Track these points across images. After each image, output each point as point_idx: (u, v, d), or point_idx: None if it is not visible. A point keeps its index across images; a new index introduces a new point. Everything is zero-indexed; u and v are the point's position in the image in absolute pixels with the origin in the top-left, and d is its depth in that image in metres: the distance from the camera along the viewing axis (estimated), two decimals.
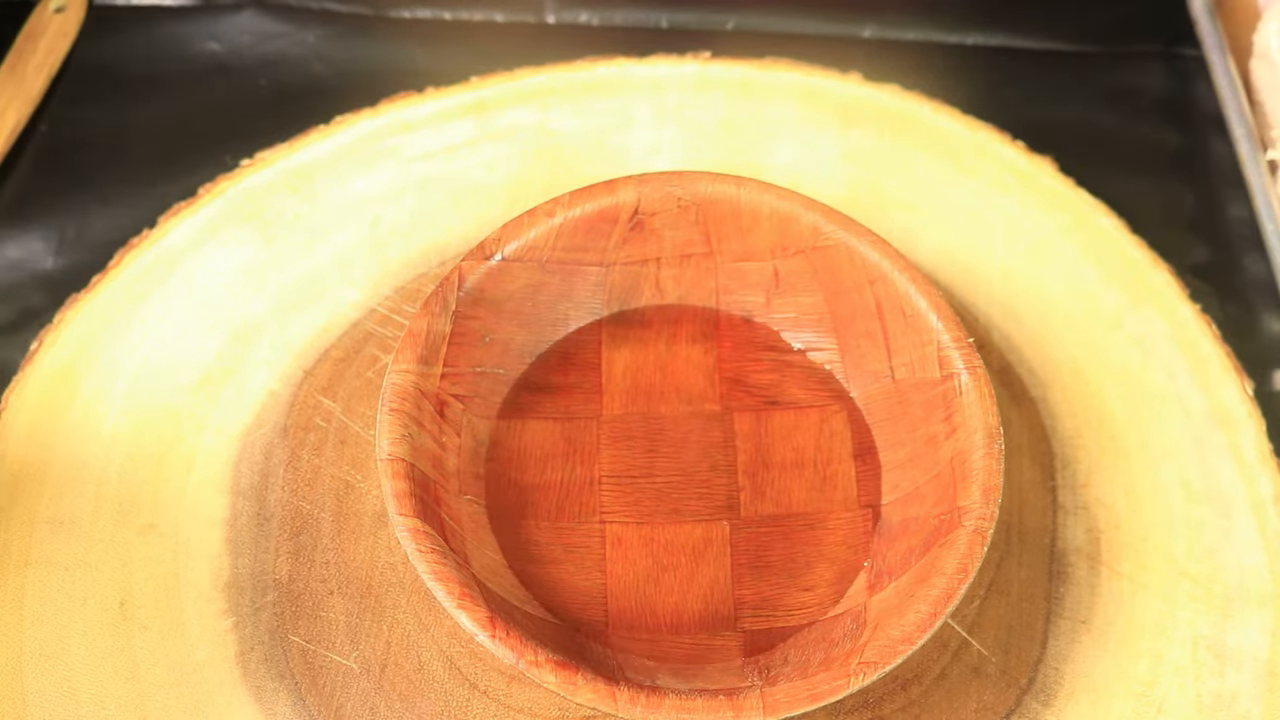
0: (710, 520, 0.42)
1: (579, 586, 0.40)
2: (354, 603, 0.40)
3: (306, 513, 0.42)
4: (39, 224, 0.49)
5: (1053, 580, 0.42)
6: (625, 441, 0.43)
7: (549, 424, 0.43)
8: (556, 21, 0.57)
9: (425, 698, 0.38)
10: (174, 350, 0.45)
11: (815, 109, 0.53)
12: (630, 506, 0.42)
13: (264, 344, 0.45)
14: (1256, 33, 0.53)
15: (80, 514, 0.41)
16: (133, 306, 0.46)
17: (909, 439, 0.42)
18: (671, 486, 0.42)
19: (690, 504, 0.42)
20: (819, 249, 0.43)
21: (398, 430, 0.38)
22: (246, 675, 0.39)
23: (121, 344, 0.45)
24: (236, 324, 0.45)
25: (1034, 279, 0.49)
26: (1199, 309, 0.48)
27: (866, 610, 0.38)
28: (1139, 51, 0.58)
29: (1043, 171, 0.52)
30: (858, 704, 0.39)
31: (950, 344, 0.40)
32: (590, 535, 0.41)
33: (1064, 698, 0.40)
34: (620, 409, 0.43)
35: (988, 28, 0.58)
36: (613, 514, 0.42)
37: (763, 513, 0.42)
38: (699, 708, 0.34)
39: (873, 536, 0.41)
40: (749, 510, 0.42)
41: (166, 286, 0.46)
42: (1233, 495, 0.44)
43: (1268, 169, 0.51)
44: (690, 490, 0.42)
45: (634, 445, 0.43)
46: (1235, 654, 0.41)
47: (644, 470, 0.42)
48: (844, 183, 0.51)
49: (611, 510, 0.42)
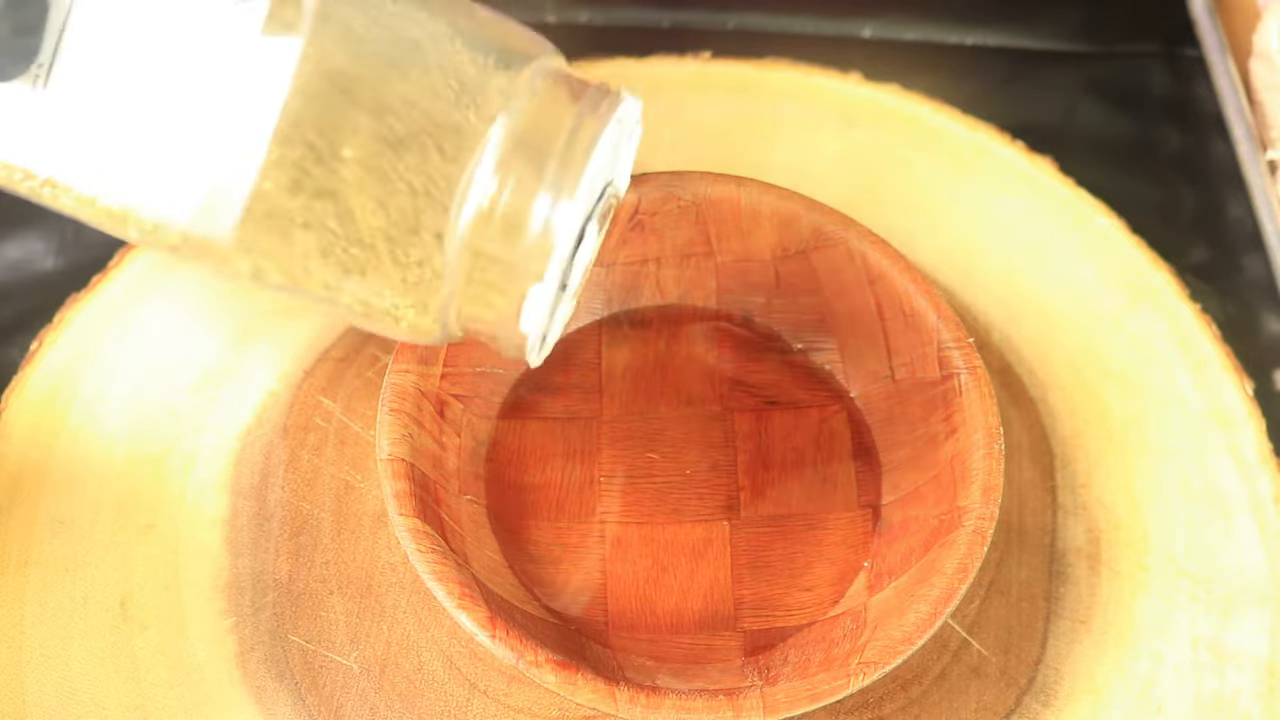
0: (710, 520, 0.42)
1: (579, 586, 0.40)
2: (354, 603, 0.40)
3: (306, 513, 0.42)
4: (39, 224, 0.49)
5: (1052, 580, 0.42)
6: (625, 441, 0.43)
7: (549, 424, 0.43)
8: (557, 21, 0.56)
9: (425, 698, 0.38)
10: (174, 350, 0.45)
11: (815, 109, 0.53)
12: (630, 506, 0.42)
13: (264, 344, 0.45)
14: (1256, 33, 0.53)
15: (80, 514, 0.41)
16: (133, 306, 0.46)
17: (909, 439, 0.42)
18: (671, 486, 0.42)
19: (690, 504, 0.42)
20: (819, 249, 0.43)
21: (398, 430, 0.38)
22: (246, 675, 0.39)
23: (121, 344, 0.45)
24: (236, 324, 0.45)
25: (1034, 279, 0.49)
26: (1199, 309, 0.48)
27: (866, 610, 0.38)
28: (1139, 51, 0.58)
29: (1043, 171, 0.52)
30: (858, 704, 0.39)
31: (950, 344, 0.40)
32: (590, 535, 0.41)
33: (1064, 698, 0.40)
34: (620, 409, 0.44)
35: (988, 28, 0.58)
36: (613, 514, 0.42)
37: (763, 513, 0.42)
38: (699, 708, 0.34)
39: (873, 536, 0.41)
40: (749, 510, 0.42)
41: (167, 286, 0.46)
42: (1233, 495, 0.44)
43: (1268, 169, 0.51)
44: (690, 490, 0.42)
45: (634, 445, 0.43)
46: (1235, 654, 0.41)
47: (644, 470, 0.42)
48: (844, 183, 0.51)
49: (611, 510, 0.42)
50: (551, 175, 0.28)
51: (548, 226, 0.28)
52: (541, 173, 0.28)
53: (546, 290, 0.29)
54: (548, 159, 0.28)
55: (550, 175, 0.28)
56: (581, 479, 0.42)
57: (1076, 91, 0.56)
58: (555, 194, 0.29)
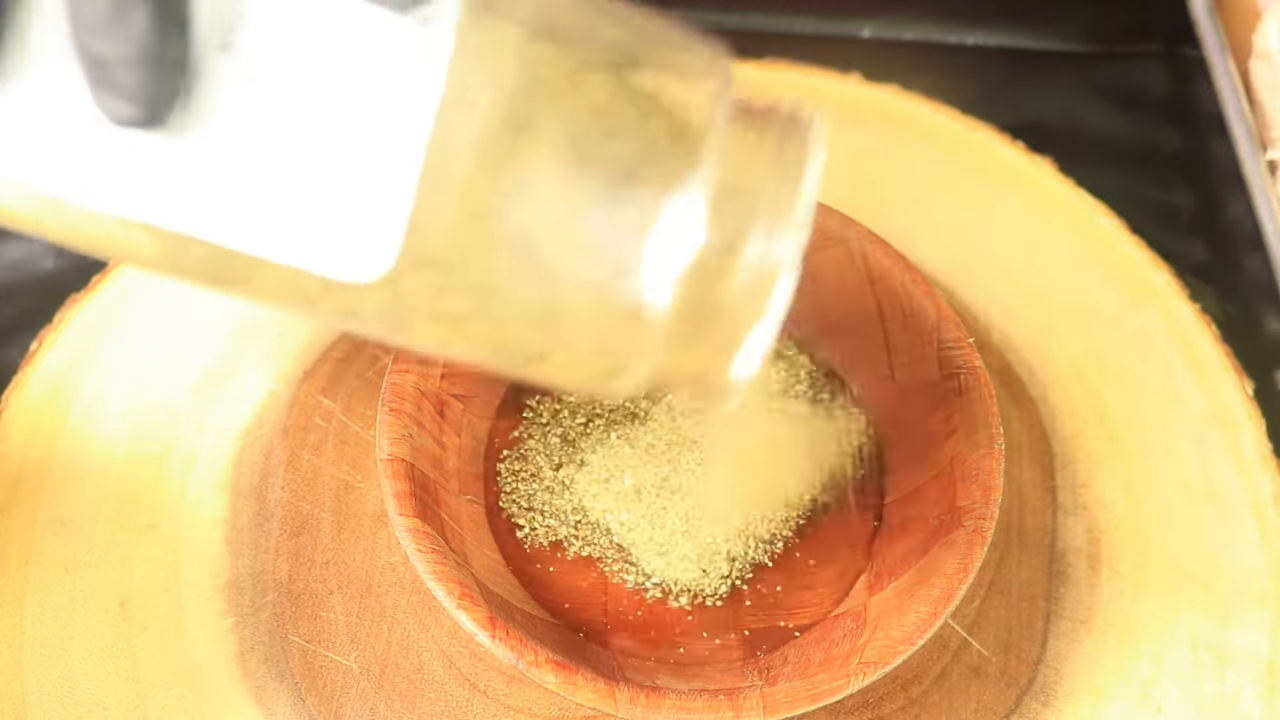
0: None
1: (578, 586, 0.40)
2: (354, 603, 0.40)
3: (306, 513, 0.42)
4: None
5: (1053, 580, 0.42)
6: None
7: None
8: None
9: (425, 698, 0.38)
10: (174, 350, 0.45)
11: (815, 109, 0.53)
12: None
13: (264, 344, 0.45)
14: (1256, 33, 0.53)
15: (80, 514, 0.41)
16: (133, 306, 0.46)
17: (909, 439, 0.42)
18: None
19: None
20: (819, 249, 0.43)
21: (398, 430, 0.38)
22: (246, 675, 0.39)
23: (121, 344, 0.45)
24: (236, 324, 0.45)
25: (1034, 279, 0.49)
26: (1199, 309, 0.48)
27: (866, 610, 0.38)
28: (1139, 51, 0.58)
29: (1043, 171, 0.52)
30: (858, 704, 0.39)
31: (950, 344, 0.40)
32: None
33: (1064, 698, 0.40)
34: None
35: (988, 28, 0.58)
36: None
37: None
38: (699, 708, 0.34)
39: (873, 536, 0.41)
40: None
41: (167, 286, 0.46)
42: (1233, 495, 0.44)
43: (1268, 169, 0.51)
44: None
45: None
46: (1235, 654, 0.41)
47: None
48: (844, 183, 0.51)
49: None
50: (768, 213, 0.25)
51: (769, 262, 0.25)
52: (757, 213, 0.25)
53: (766, 332, 0.26)
54: (760, 199, 0.26)
55: (767, 214, 0.25)
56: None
57: (1077, 92, 0.56)
58: (771, 236, 0.25)
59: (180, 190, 0.24)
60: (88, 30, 0.22)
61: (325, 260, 0.24)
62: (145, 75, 0.23)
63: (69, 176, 0.24)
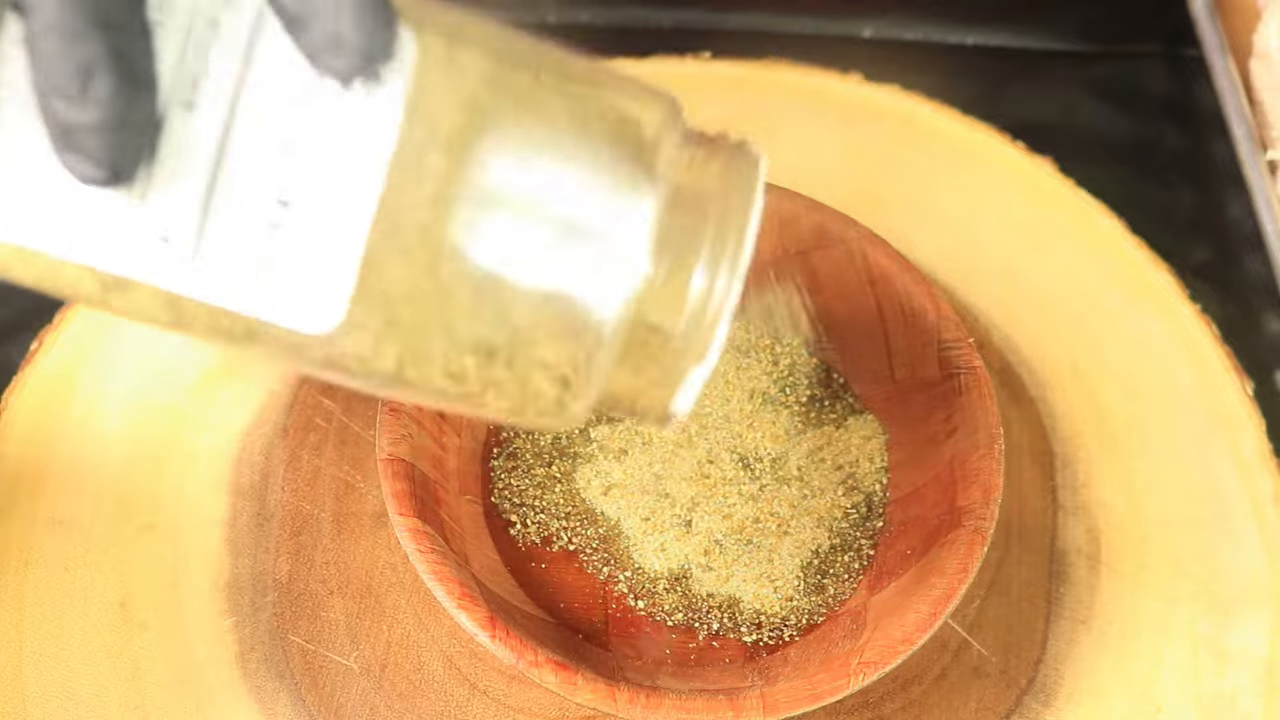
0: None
1: (578, 587, 0.40)
2: (354, 603, 0.40)
3: (306, 513, 0.42)
4: None
5: (1053, 580, 0.42)
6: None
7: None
8: (557, 21, 0.56)
9: (425, 698, 0.38)
10: (174, 350, 0.45)
11: (815, 109, 0.53)
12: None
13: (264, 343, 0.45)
14: (1256, 33, 0.53)
15: (80, 514, 0.41)
16: None
17: (909, 439, 0.42)
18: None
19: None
20: (820, 249, 0.43)
21: (398, 430, 0.38)
22: (246, 675, 0.39)
23: (122, 343, 0.45)
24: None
25: (1034, 279, 0.49)
26: (1199, 309, 0.48)
27: (866, 610, 0.38)
28: (1139, 51, 0.58)
29: (1043, 172, 0.52)
30: (858, 704, 0.39)
31: (950, 344, 0.40)
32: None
33: (1064, 698, 0.40)
34: None
35: (988, 28, 0.58)
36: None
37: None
38: (699, 708, 0.34)
39: (873, 537, 0.41)
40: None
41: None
42: (1233, 495, 0.44)
43: (1268, 169, 0.51)
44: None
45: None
46: (1235, 654, 0.41)
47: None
48: (844, 183, 0.51)
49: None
50: (711, 251, 0.26)
51: (711, 303, 0.26)
52: (700, 250, 0.26)
53: (706, 369, 0.27)
54: (704, 235, 0.26)
55: (710, 251, 0.26)
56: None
57: (1076, 91, 0.56)
58: (716, 270, 0.26)
59: (143, 242, 0.25)
60: (52, 95, 0.22)
61: (278, 310, 0.25)
62: (110, 140, 0.22)
63: (33, 225, 0.25)
